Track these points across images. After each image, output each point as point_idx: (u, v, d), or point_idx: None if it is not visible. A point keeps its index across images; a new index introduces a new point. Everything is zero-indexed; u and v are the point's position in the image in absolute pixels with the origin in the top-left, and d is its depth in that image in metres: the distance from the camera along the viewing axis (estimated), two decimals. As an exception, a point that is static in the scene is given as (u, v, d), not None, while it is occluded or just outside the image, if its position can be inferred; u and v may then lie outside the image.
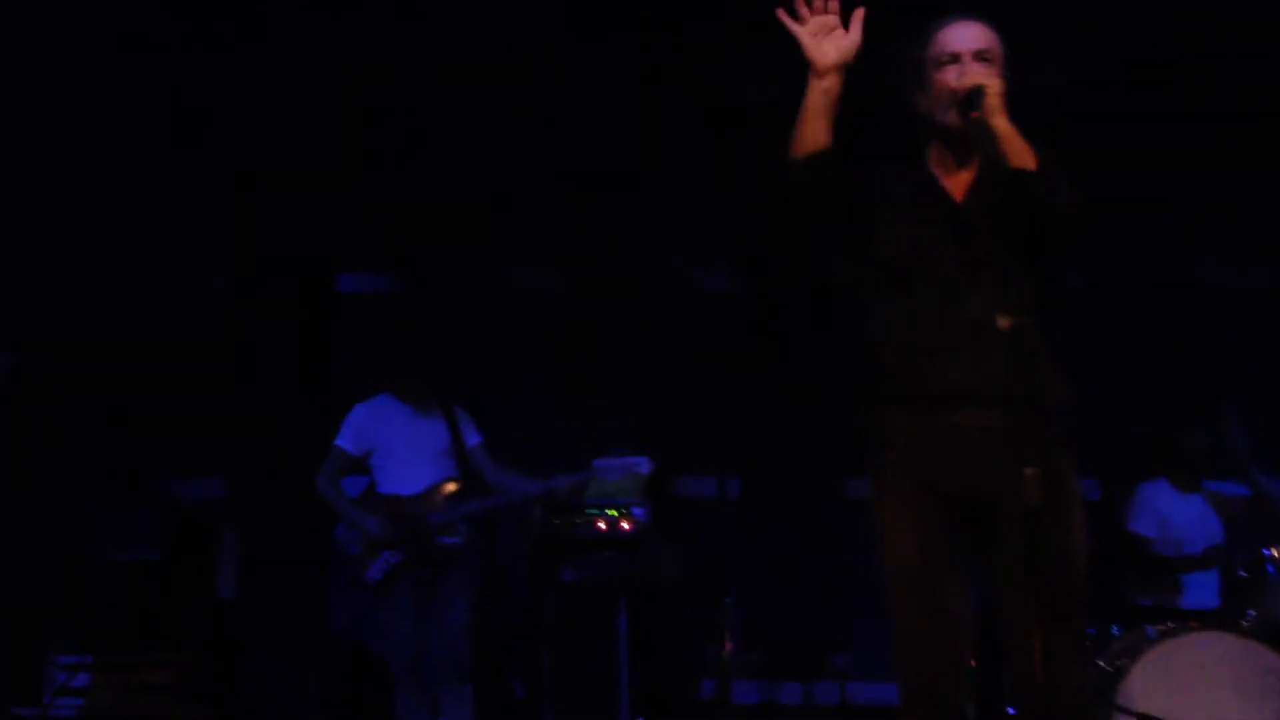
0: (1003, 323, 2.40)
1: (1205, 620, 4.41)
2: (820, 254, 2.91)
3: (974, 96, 2.65)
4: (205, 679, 5.02)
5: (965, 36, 2.76)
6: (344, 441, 4.91)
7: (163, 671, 4.97)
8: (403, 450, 4.87)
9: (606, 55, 6.01)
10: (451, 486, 4.86)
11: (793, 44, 2.75)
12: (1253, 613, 4.38)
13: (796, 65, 2.78)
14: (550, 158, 6.19)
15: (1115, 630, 4.39)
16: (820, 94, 2.73)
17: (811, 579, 5.87)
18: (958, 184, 2.78)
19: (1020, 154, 2.62)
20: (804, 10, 2.72)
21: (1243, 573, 4.55)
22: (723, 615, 4.96)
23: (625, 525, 5.44)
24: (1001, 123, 2.64)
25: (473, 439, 4.97)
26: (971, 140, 2.72)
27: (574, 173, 6.15)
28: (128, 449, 6.28)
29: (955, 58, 2.73)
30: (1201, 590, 4.83)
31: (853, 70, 2.76)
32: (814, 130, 2.73)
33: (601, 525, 5.44)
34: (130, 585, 5.22)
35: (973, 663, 2.72)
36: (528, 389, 6.28)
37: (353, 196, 6.34)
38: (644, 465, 4.71)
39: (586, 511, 5.34)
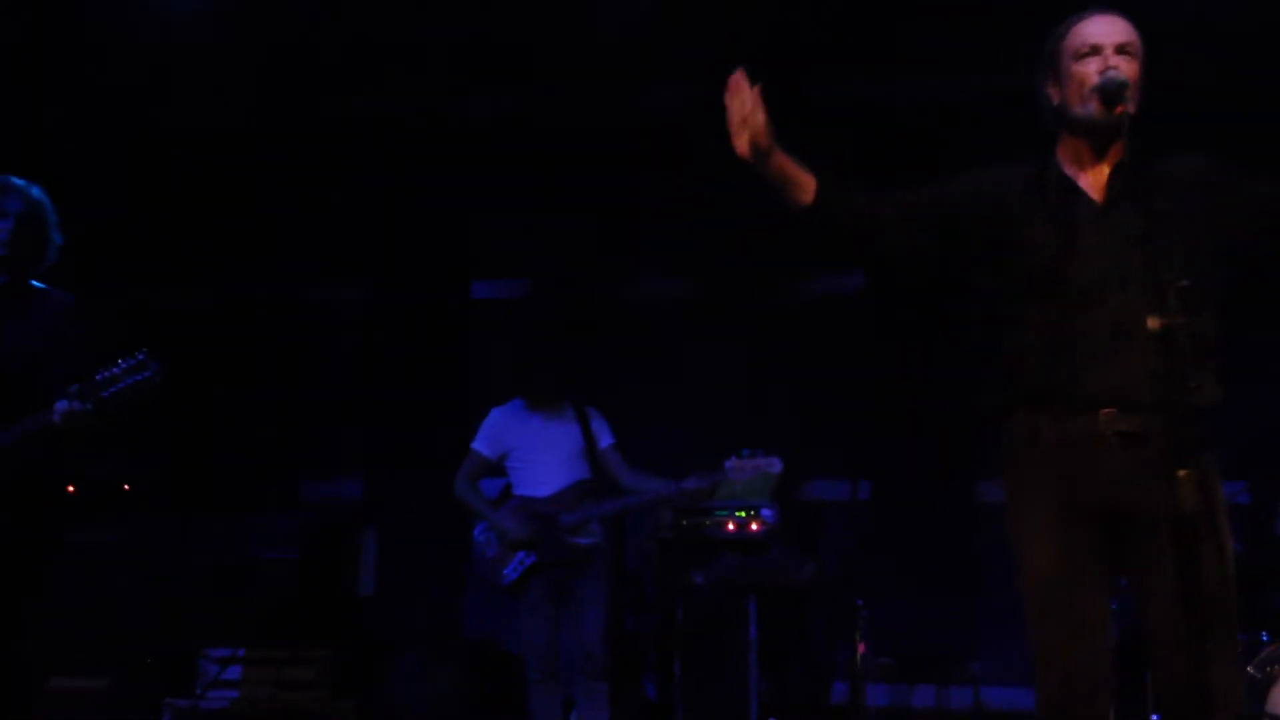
0: (1151, 324, 2.34)
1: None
2: (947, 266, 2.85)
3: (1118, 89, 2.60)
4: (348, 673, 5.16)
5: (1107, 29, 2.70)
6: (480, 445, 5.02)
7: (309, 666, 5.13)
8: (537, 453, 4.96)
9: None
10: (585, 488, 4.93)
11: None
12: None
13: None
14: (676, 166, 6.22)
15: (1265, 637, 4.25)
16: (766, 172, 2.73)
17: (944, 582, 5.79)
18: (1095, 180, 2.73)
19: None
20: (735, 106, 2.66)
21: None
22: (855, 618, 4.93)
23: (754, 527, 5.45)
24: None
25: (605, 440, 5.03)
26: (1112, 133, 2.67)
27: (697, 179, 6.18)
28: (271, 453, 6.52)
29: (1096, 49, 2.68)
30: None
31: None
32: (789, 193, 2.76)
33: (730, 527, 5.45)
34: (276, 583, 5.40)
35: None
36: (656, 392, 6.32)
37: (485, 203, 6.47)
38: (775, 465, 4.69)
39: (715, 513, 5.36)
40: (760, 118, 2.65)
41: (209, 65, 5.82)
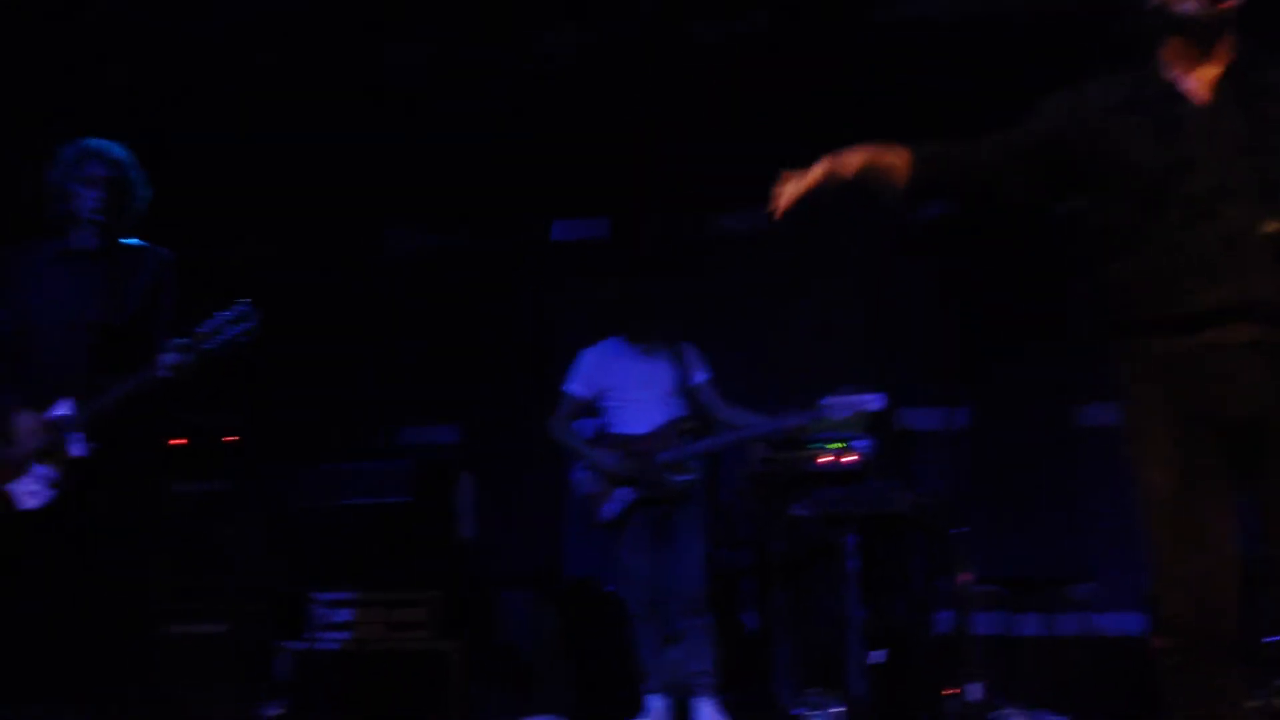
0: (1268, 228, 2.25)
1: None
2: (1062, 193, 2.77)
3: None
4: (454, 615, 5.25)
5: None
6: (574, 386, 5.03)
7: (417, 608, 5.23)
8: (632, 391, 4.95)
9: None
10: (681, 425, 4.92)
11: None
12: None
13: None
14: (753, 97, 6.13)
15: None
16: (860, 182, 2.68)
17: (1049, 508, 5.71)
18: (1201, 82, 2.62)
19: None
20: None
21: None
22: (958, 547, 4.88)
23: (850, 458, 5.40)
24: None
25: (700, 376, 5.01)
26: (1217, 32, 2.55)
27: (776, 109, 6.08)
28: (366, 401, 6.62)
29: None
30: None
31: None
32: (891, 184, 2.73)
33: (825, 459, 5.41)
34: (380, 528, 5.49)
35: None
36: (745, 326, 6.28)
37: (560, 145, 6.44)
38: (875, 402, 4.64)
39: (809, 446, 5.32)
40: (815, 178, 2.74)
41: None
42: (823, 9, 5.97)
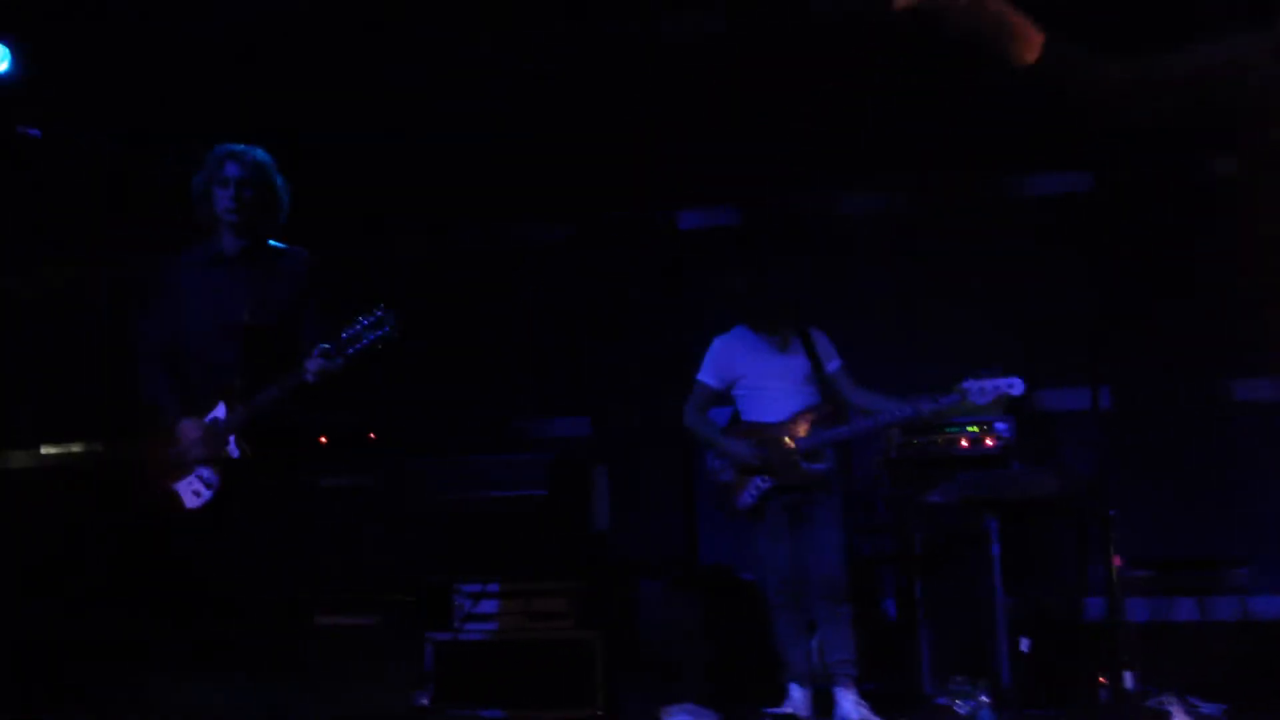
0: None
1: None
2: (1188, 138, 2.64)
3: None
4: (594, 604, 5.29)
5: None
6: (706, 376, 5.01)
7: (557, 598, 5.28)
8: (765, 379, 4.92)
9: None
10: (816, 412, 4.87)
11: None
12: None
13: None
14: (879, 79, 6.03)
15: None
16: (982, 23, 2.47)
17: (1201, 488, 5.50)
18: None
19: None
20: None
21: None
22: (1107, 530, 4.73)
23: (989, 442, 5.30)
24: None
25: (833, 364, 4.95)
26: None
27: (907, 92, 5.97)
28: (502, 394, 6.71)
29: None
30: None
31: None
32: (1010, 47, 2.50)
33: (964, 443, 5.31)
34: (519, 520, 5.56)
35: None
36: (876, 309, 6.19)
37: (688, 134, 6.43)
38: (1017, 387, 4.52)
39: (946, 430, 5.23)
40: None
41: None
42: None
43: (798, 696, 4.76)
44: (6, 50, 4.80)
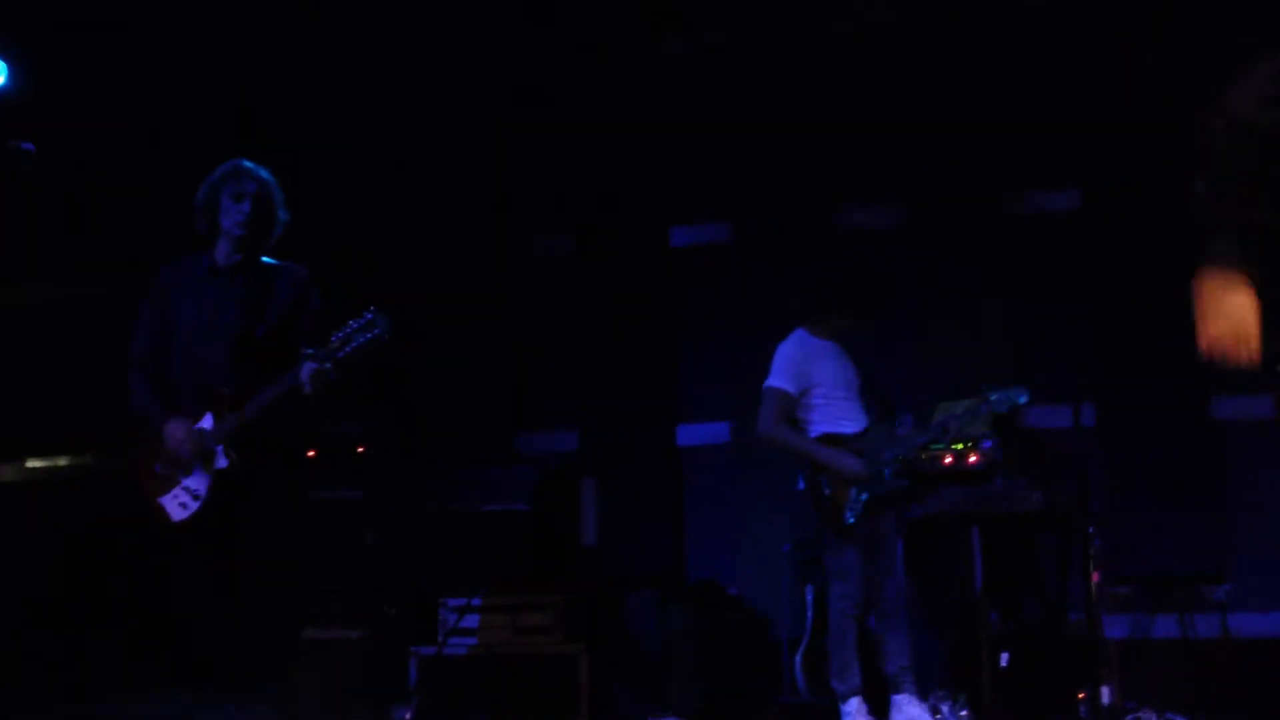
0: None
1: None
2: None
3: None
4: (580, 618, 5.30)
5: None
6: (783, 382, 4.83)
7: (543, 612, 5.29)
8: (837, 389, 4.85)
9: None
10: (888, 425, 4.84)
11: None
12: None
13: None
14: (876, 94, 6.08)
15: None
16: None
17: (1181, 506, 5.52)
18: None
19: None
20: None
21: None
22: (1087, 546, 4.77)
23: (973, 458, 5.31)
24: None
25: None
26: None
27: (905, 107, 6.01)
28: (488, 408, 6.71)
29: None
30: None
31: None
32: None
33: (948, 460, 5.33)
34: (505, 534, 5.57)
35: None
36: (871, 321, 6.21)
37: (681, 149, 6.47)
38: (1024, 395, 4.62)
39: (932, 446, 5.25)
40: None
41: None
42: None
43: (856, 708, 4.69)
44: (3, 65, 4.82)
